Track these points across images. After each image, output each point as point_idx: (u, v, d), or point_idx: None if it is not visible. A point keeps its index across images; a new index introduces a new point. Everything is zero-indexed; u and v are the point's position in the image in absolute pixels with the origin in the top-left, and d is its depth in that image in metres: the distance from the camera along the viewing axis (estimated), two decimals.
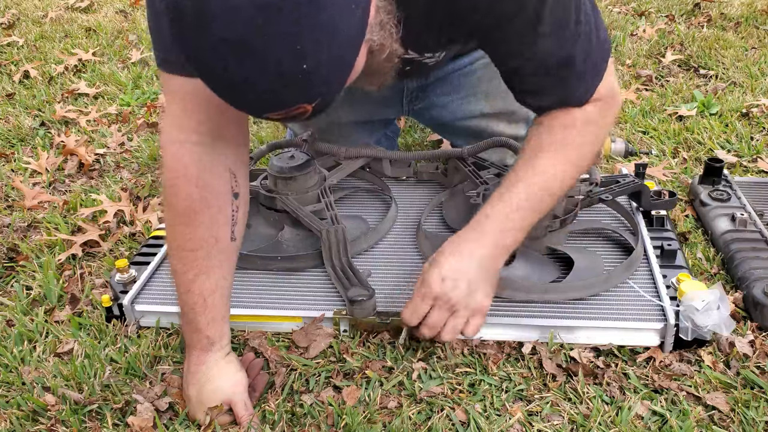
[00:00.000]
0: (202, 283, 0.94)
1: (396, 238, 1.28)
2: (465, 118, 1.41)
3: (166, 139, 0.93)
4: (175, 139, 0.92)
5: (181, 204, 0.93)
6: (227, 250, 0.97)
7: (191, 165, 0.92)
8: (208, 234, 0.94)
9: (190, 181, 0.92)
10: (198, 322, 0.95)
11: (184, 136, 0.92)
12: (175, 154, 0.92)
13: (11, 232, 1.46)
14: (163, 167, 0.94)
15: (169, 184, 0.93)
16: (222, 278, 0.97)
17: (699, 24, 2.52)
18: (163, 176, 0.94)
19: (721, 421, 0.91)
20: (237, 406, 0.93)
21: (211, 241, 0.94)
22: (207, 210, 0.93)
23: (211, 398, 0.94)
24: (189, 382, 0.96)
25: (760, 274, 1.11)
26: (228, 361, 0.97)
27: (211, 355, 0.96)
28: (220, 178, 0.95)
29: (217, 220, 0.95)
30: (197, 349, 0.96)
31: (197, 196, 0.93)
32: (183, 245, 0.94)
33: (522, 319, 1.04)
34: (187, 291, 0.94)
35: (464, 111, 1.40)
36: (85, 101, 2.18)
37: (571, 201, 1.18)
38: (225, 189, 0.95)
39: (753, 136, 1.69)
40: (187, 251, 0.94)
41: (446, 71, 1.34)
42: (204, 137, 0.92)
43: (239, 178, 0.98)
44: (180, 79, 0.89)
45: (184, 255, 0.94)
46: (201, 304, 0.94)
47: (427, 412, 0.95)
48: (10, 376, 1.04)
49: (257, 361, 1.03)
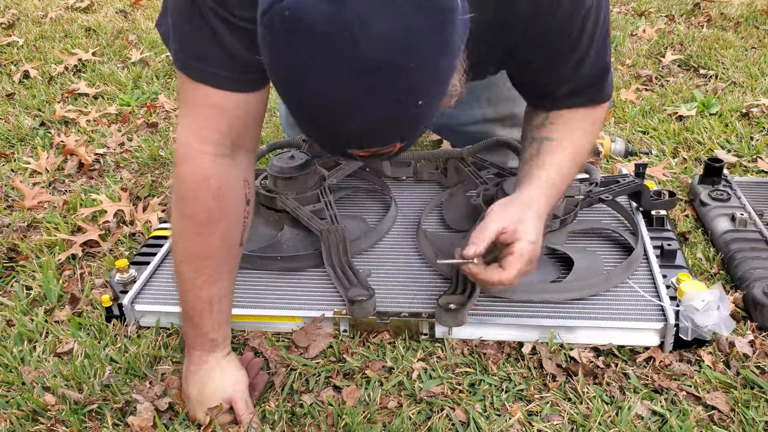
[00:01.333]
0: (210, 289, 0.94)
1: (396, 238, 1.28)
2: (467, 123, 1.41)
3: (185, 149, 0.91)
4: (195, 149, 0.90)
5: (200, 216, 0.91)
6: (236, 255, 0.98)
7: (211, 178, 0.90)
8: (222, 243, 0.94)
9: (210, 194, 0.91)
10: (203, 326, 0.95)
11: (205, 148, 0.90)
12: (195, 166, 0.90)
13: (11, 232, 1.46)
14: (180, 177, 0.92)
15: (187, 195, 0.91)
16: (229, 283, 0.97)
17: (699, 24, 2.52)
18: (179, 185, 0.92)
19: (721, 421, 0.91)
20: (238, 404, 0.93)
21: (224, 250, 0.94)
22: (224, 221, 0.93)
23: (212, 398, 0.94)
24: (189, 381, 0.96)
25: (760, 274, 1.11)
26: (228, 360, 0.97)
27: (213, 355, 0.96)
28: (236, 189, 0.94)
29: (231, 230, 0.95)
30: (199, 349, 0.96)
31: (216, 209, 0.92)
32: (197, 254, 0.93)
33: (522, 319, 1.04)
34: (194, 296, 0.94)
35: (467, 116, 1.40)
36: (85, 101, 2.18)
37: (571, 201, 1.18)
38: (240, 198, 0.95)
39: (753, 136, 1.69)
40: (200, 260, 0.93)
41: None
42: (224, 149, 0.91)
43: (250, 185, 0.98)
44: (207, 89, 0.87)
45: (196, 263, 0.93)
46: (208, 309, 0.94)
47: (427, 412, 0.95)
48: (10, 376, 1.04)
49: (257, 361, 1.03)
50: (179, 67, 0.89)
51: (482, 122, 1.41)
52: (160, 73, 2.37)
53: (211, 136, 0.90)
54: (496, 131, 1.42)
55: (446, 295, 1.04)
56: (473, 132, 1.42)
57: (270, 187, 1.29)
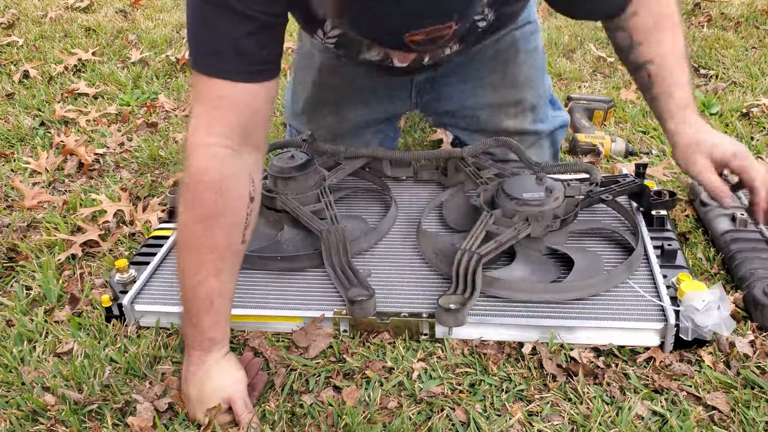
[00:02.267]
0: (210, 285, 0.94)
1: (396, 238, 1.28)
2: (472, 108, 1.41)
3: (193, 141, 0.93)
4: (202, 142, 0.92)
5: (203, 208, 0.92)
6: (238, 253, 0.98)
7: (216, 170, 0.92)
8: (224, 238, 0.94)
9: (214, 186, 0.92)
10: (202, 324, 0.95)
11: (212, 140, 0.92)
12: (202, 157, 0.92)
13: (11, 232, 1.46)
14: (187, 168, 0.93)
15: (192, 186, 0.93)
16: (229, 281, 0.97)
17: (699, 24, 2.51)
18: (185, 175, 0.94)
19: (721, 421, 0.91)
20: (237, 404, 0.93)
21: (225, 245, 0.95)
22: (226, 215, 0.94)
23: (212, 397, 0.93)
24: (189, 381, 0.95)
25: (761, 274, 1.11)
26: (227, 360, 0.97)
27: (212, 355, 0.96)
28: (241, 184, 0.95)
29: (234, 225, 0.95)
30: (198, 349, 0.96)
31: (220, 201, 0.93)
32: (198, 247, 0.93)
33: (522, 319, 1.04)
34: (194, 293, 0.94)
35: (471, 101, 1.41)
36: (84, 101, 2.18)
37: (572, 201, 1.17)
38: (244, 194, 0.96)
39: (753, 136, 1.69)
40: (201, 254, 0.93)
41: (455, 63, 1.35)
42: (232, 142, 0.93)
43: (256, 182, 0.98)
44: (218, 81, 0.90)
45: (196, 257, 0.93)
46: (207, 306, 0.94)
47: (427, 412, 0.95)
48: (10, 376, 1.04)
49: (256, 361, 1.03)
50: (193, 66, 0.93)
51: (486, 108, 1.42)
52: (160, 73, 2.37)
53: (219, 128, 0.92)
54: (501, 117, 1.43)
55: (446, 295, 1.04)
56: (478, 117, 1.43)
57: (270, 187, 1.29)
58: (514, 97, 1.41)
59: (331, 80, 1.43)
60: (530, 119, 1.45)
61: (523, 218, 1.13)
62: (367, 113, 1.46)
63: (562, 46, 2.41)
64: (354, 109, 1.45)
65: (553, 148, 1.53)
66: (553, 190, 1.16)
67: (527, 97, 1.42)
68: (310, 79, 1.46)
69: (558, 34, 2.51)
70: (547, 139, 1.50)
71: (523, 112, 1.44)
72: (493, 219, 1.15)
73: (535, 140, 1.47)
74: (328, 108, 1.48)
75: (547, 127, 1.49)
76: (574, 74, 2.17)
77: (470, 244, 1.10)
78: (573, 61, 2.28)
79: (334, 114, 1.47)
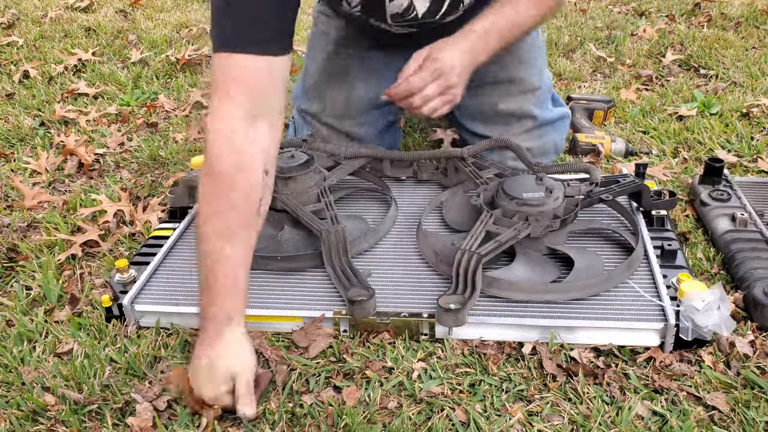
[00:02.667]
0: (231, 250, 0.96)
1: (396, 238, 1.28)
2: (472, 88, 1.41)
3: (214, 111, 0.99)
4: (222, 112, 0.99)
5: (224, 167, 0.98)
6: (254, 223, 1.01)
7: (235, 133, 0.98)
8: (244, 199, 0.99)
9: (233, 146, 0.98)
10: (220, 293, 0.96)
11: (230, 109, 0.98)
12: (221, 122, 0.99)
13: (11, 232, 1.46)
14: (208, 135, 0.99)
15: (212, 150, 0.98)
16: (245, 254, 0.99)
17: (699, 24, 2.52)
18: (206, 144, 0.99)
19: (721, 421, 0.91)
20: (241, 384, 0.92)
21: (241, 210, 0.98)
22: (246, 175, 0.99)
23: (222, 371, 0.92)
24: (201, 354, 0.94)
25: (761, 274, 1.11)
26: (247, 340, 0.97)
27: (230, 329, 0.95)
28: (254, 153, 1.00)
29: (249, 191, 0.99)
30: (215, 323, 0.95)
31: (238, 161, 0.98)
32: (216, 211, 0.97)
33: (522, 319, 1.04)
34: (215, 259, 0.96)
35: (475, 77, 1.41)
36: (84, 101, 2.18)
37: (571, 201, 1.18)
38: (258, 164, 1.00)
39: (753, 136, 1.69)
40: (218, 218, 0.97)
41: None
42: (247, 112, 0.99)
43: (270, 156, 1.03)
44: (240, 57, 0.98)
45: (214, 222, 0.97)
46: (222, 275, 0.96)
47: (427, 412, 0.95)
48: (9, 376, 1.04)
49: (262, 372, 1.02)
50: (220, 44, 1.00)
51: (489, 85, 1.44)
52: (160, 73, 2.37)
53: (237, 98, 0.99)
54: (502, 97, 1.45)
55: (446, 295, 1.04)
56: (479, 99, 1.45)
57: None
58: (517, 74, 1.44)
59: (343, 57, 1.48)
60: (531, 101, 1.46)
61: (523, 218, 1.13)
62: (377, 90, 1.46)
63: (562, 46, 2.41)
64: (360, 88, 1.48)
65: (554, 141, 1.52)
66: (553, 190, 1.16)
67: (529, 78, 1.46)
68: (322, 56, 1.50)
69: (558, 34, 2.51)
70: (548, 128, 1.50)
71: (524, 93, 1.45)
72: (493, 219, 1.15)
73: (536, 125, 1.48)
74: (338, 83, 1.50)
75: (548, 116, 1.49)
76: (574, 74, 2.17)
77: (470, 244, 1.10)
78: (573, 61, 2.28)
79: (342, 90, 1.50)
